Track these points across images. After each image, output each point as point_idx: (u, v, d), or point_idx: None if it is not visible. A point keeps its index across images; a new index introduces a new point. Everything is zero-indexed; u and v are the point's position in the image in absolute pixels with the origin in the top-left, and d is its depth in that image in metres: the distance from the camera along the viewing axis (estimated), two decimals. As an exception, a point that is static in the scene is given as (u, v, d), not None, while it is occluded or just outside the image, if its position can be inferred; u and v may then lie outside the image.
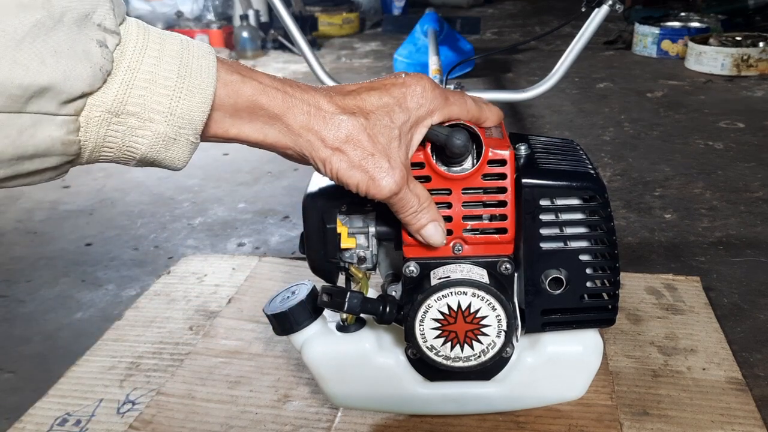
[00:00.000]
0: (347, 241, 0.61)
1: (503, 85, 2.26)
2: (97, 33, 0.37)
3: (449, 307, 0.57)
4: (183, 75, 0.41)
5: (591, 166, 0.61)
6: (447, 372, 0.60)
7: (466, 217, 0.58)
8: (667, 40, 2.49)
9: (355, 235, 0.62)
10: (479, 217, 0.58)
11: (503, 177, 0.57)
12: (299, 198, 0.61)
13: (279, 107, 0.47)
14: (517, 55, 2.63)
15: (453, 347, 0.59)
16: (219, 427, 0.70)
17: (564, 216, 0.59)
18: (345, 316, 0.66)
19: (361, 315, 0.65)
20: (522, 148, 0.60)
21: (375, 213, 0.61)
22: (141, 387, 0.76)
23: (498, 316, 0.58)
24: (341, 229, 0.60)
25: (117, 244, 1.22)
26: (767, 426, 0.67)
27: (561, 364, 0.66)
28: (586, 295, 0.61)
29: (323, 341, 0.65)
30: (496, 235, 0.58)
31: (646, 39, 2.54)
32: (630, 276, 0.95)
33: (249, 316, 0.89)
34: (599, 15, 1.30)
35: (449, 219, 0.58)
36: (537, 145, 0.63)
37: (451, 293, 0.57)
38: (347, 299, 0.58)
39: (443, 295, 0.57)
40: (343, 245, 0.61)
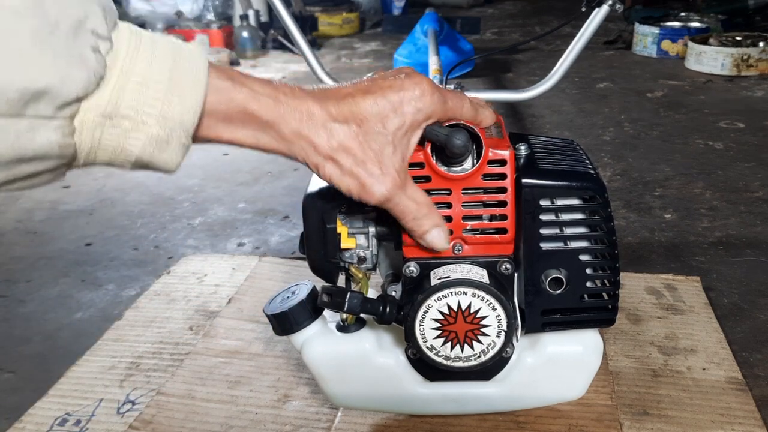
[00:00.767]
0: (347, 241, 0.61)
1: (503, 85, 2.26)
2: (91, 39, 0.38)
3: (449, 307, 0.57)
4: (174, 78, 0.42)
5: (591, 166, 0.61)
6: (447, 372, 0.60)
7: (466, 217, 0.58)
8: (667, 40, 2.49)
9: (355, 235, 0.62)
10: (479, 217, 0.58)
11: (503, 177, 0.57)
12: (299, 198, 0.61)
13: (270, 114, 0.47)
14: (517, 55, 2.63)
15: (453, 347, 0.59)
16: (219, 427, 0.70)
17: (564, 216, 0.59)
18: (345, 316, 0.66)
19: (361, 315, 0.65)
20: (522, 148, 0.60)
21: (375, 213, 0.61)
22: (141, 387, 0.76)
23: (498, 316, 0.58)
24: (341, 229, 0.60)
25: (117, 244, 1.22)
26: (767, 426, 0.67)
27: (561, 364, 0.66)
28: (586, 295, 0.61)
29: (323, 341, 0.65)
30: (496, 235, 0.58)
31: (646, 39, 2.54)
32: (630, 276, 0.95)
33: (249, 316, 0.89)
34: (599, 15, 1.30)
35: (449, 219, 0.58)
36: (537, 145, 0.63)
37: (451, 293, 0.57)
38: (347, 299, 0.58)
39: (443, 295, 0.57)
40: (343, 245, 0.61)
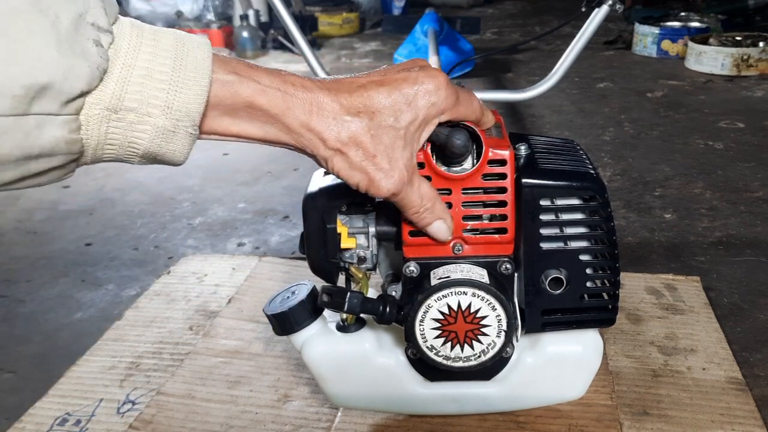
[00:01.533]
0: (347, 241, 0.61)
1: (503, 85, 2.26)
2: (92, 32, 0.38)
3: (449, 307, 0.57)
4: (178, 68, 0.41)
5: (591, 166, 0.61)
6: (447, 372, 0.60)
7: (466, 217, 0.58)
8: (667, 40, 2.49)
9: (355, 235, 0.62)
10: (479, 217, 0.58)
11: (503, 177, 0.57)
12: (299, 198, 0.61)
13: (279, 107, 0.46)
14: (517, 55, 2.63)
15: (453, 347, 0.59)
16: (219, 427, 0.70)
17: (564, 216, 0.59)
18: (345, 316, 0.66)
19: (361, 315, 0.65)
20: (522, 148, 0.60)
21: (375, 213, 0.61)
22: (141, 387, 0.76)
23: (498, 316, 0.58)
24: (341, 229, 0.60)
25: (117, 244, 1.22)
26: (767, 426, 0.67)
27: (561, 364, 0.66)
28: (586, 295, 0.61)
29: (323, 341, 0.65)
30: (496, 235, 0.58)
31: (646, 39, 2.54)
32: (630, 276, 0.95)
33: (249, 316, 0.89)
34: (599, 15, 1.31)
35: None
36: (537, 145, 0.63)
37: (451, 293, 0.57)
38: (347, 299, 0.58)
39: (443, 295, 0.57)
40: (343, 245, 0.61)
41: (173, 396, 0.75)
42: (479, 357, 0.59)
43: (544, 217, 0.59)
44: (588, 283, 0.60)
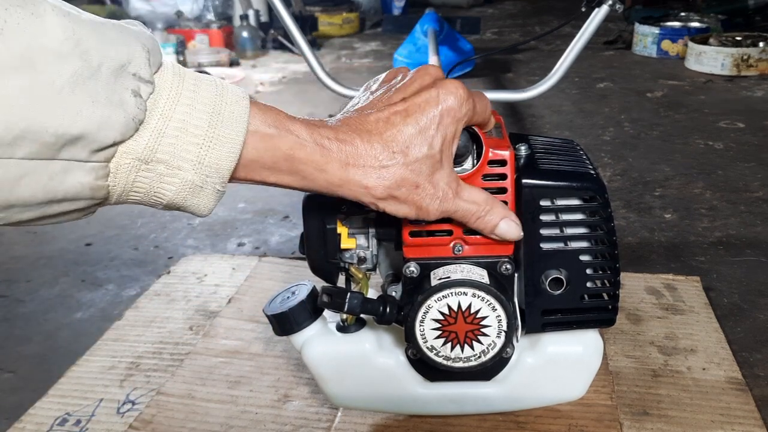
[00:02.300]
0: (347, 242, 0.61)
1: (503, 85, 2.26)
2: (132, 83, 0.37)
3: (449, 308, 0.57)
4: (214, 124, 0.41)
5: (591, 166, 0.61)
6: (447, 372, 0.60)
7: (466, 218, 0.58)
8: (667, 40, 2.49)
9: (356, 236, 0.62)
10: (479, 218, 0.58)
11: (503, 177, 0.57)
12: (299, 198, 0.61)
13: (317, 162, 0.46)
14: (517, 55, 2.63)
15: (453, 348, 0.59)
16: (219, 427, 0.70)
17: (564, 216, 0.59)
18: (345, 316, 0.66)
19: (361, 315, 0.65)
20: (522, 148, 0.60)
21: (375, 213, 0.61)
22: (141, 387, 0.76)
23: (498, 316, 0.58)
24: (341, 230, 0.60)
25: (117, 243, 1.22)
26: (767, 426, 0.67)
27: (561, 364, 0.66)
28: (586, 296, 0.61)
29: (323, 341, 0.65)
30: (496, 236, 0.58)
31: (646, 39, 2.54)
32: (630, 276, 0.95)
33: (249, 316, 0.89)
34: (599, 15, 1.31)
35: (449, 219, 0.58)
36: (537, 146, 0.63)
37: (452, 294, 0.57)
38: (347, 300, 0.58)
39: (443, 296, 0.57)
40: (344, 245, 0.61)
41: (173, 396, 0.75)
42: (479, 357, 0.59)
43: (544, 218, 0.59)
44: (588, 284, 0.60)
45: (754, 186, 1.35)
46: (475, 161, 0.56)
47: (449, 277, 0.57)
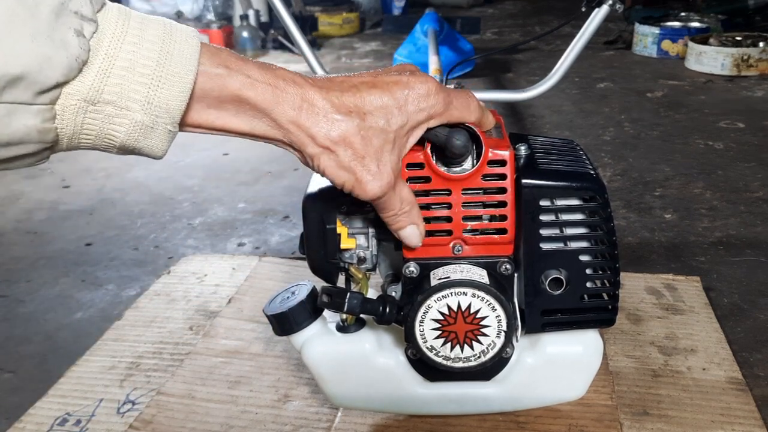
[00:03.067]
0: (347, 242, 0.61)
1: (503, 85, 2.26)
2: (75, 21, 0.37)
3: (449, 308, 0.57)
4: (162, 62, 0.40)
5: (591, 166, 0.61)
6: (447, 372, 0.60)
7: (466, 218, 0.58)
8: (668, 40, 2.49)
9: (355, 236, 0.62)
10: (479, 218, 0.58)
11: (503, 177, 0.57)
12: (299, 198, 0.61)
13: (268, 102, 0.45)
14: (517, 55, 2.63)
15: (453, 348, 0.59)
16: (219, 427, 0.70)
17: (564, 216, 0.59)
18: (345, 316, 0.66)
19: (361, 315, 0.65)
20: (522, 148, 0.60)
21: (375, 213, 0.61)
22: (141, 387, 0.76)
23: (498, 316, 0.58)
24: (341, 230, 0.60)
25: (117, 244, 1.22)
26: (767, 426, 0.67)
27: (561, 364, 0.66)
28: (586, 296, 0.61)
29: (323, 341, 0.65)
30: (496, 236, 0.58)
31: (646, 39, 2.54)
32: (630, 276, 0.95)
33: (249, 316, 0.89)
34: (599, 15, 1.30)
35: (449, 219, 0.58)
36: (537, 146, 0.63)
37: (451, 294, 0.57)
38: (347, 300, 0.58)
39: (443, 296, 0.57)
40: (343, 246, 0.61)
41: (173, 396, 0.75)
42: (479, 357, 0.59)
43: (544, 218, 0.58)
44: (588, 284, 0.60)
45: (754, 186, 1.35)
46: (475, 161, 0.56)
47: (449, 277, 0.57)
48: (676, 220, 1.21)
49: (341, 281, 0.64)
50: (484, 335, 0.58)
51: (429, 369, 0.63)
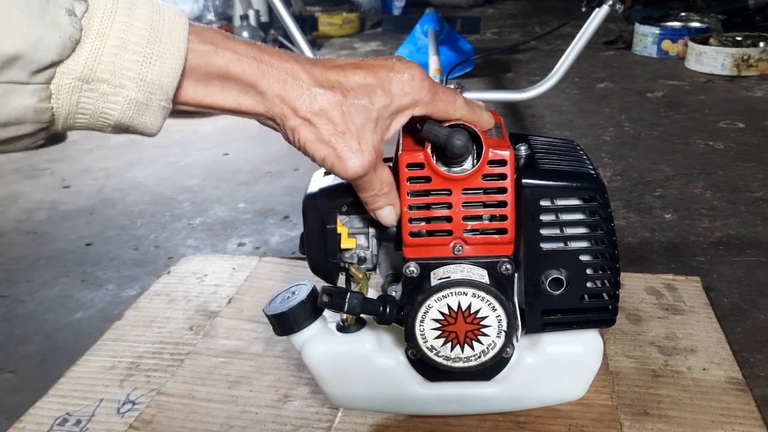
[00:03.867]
0: (347, 242, 0.61)
1: (503, 85, 2.26)
2: (65, 1, 0.37)
3: (449, 308, 0.57)
4: (153, 40, 0.41)
5: (591, 166, 0.61)
6: (447, 372, 0.60)
7: (466, 218, 0.58)
8: (668, 40, 2.49)
9: (356, 236, 0.62)
10: (479, 218, 0.58)
11: (503, 177, 0.57)
12: (299, 198, 0.61)
13: (253, 76, 0.46)
14: (517, 55, 2.63)
15: (453, 347, 0.59)
16: (219, 427, 0.70)
17: (564, 216, 0.59)
18: (345, 316, 0.66)
19: (362, 315, 0.65)
20: (522, 148, 0.60)
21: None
22: (141, 387, 0.76)
23: (498, 316, 0.58)
24: (341, 230, 0.60)
25: (117, 244, 1.22)
26: (767, 426, 0.67)
27: (561, 364, 0.66)
28: (586, 296, 0.61)
29: (323, 341, 0.65)
30: (496, 236, 0.58)
31: (646, 39, 2.54)
32: (630, 276, 0.95)
33: (249, 316, 0.89)
34: (599, 15, 1.31)
35: (449, 219, 0.58)
36: (537, 146, 0.63)
37: (452, 293, 0.57)
38: (347, 300, 0.58)
39: (443, 296, 0.57)
40: (344, 245, 0.61)
41: (173, 396, 0.75)
42: (479, 357, 0.59)
43: (544, 218, 0.58)
44: (588, 284, 0.60)
45: (754, 186, 1.35)
46: (475, 161, 0.56)
47: (449, 277, 0.57)
48: (676, 220, 1.21)
49: (341, 281, 0.64)
50: (484, 335, 0.58)
51: (429, 369, 0.63)
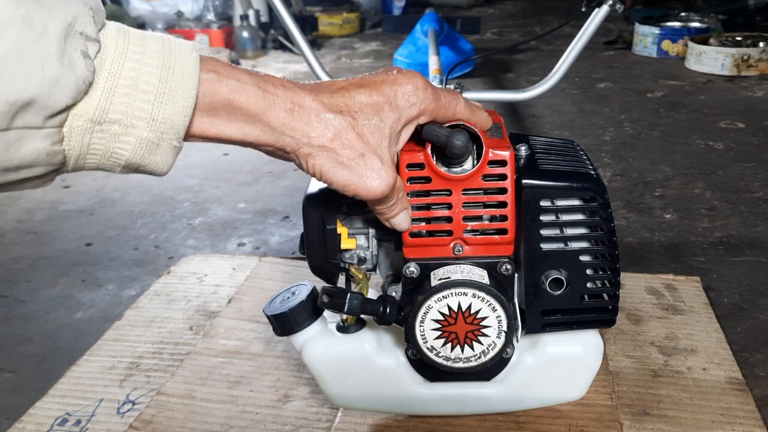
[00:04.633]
0: (347, 242, 0.61)
1: (503, 85, 2.26)
2: (81, 42, 0.37)
3: (449, 308, 0.57)
4: (165, 78, 0.40)
5: (591, 166, 0.61)
6: (447, 373, 0.60)
7: (466, 218, 0.58)
8: (668, 40, 2.49)
9: (356, 236, 0.62)
10: (479, 218, 0.58)
11: (503, 178, 0.57)
12: (299, 198, 0.61)
13: (258, 106, 0.45)
14: (517, 55, 2.63)
15: (453, 348, 0.59)
16: (219, 427, 0.70)
17: (564, 217, 0.59)
18: (345, 316, 0.66)
19: (362, 316, 0.65)
20: (522, 148, 0.60)
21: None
22: (141, 387, 0.76)
23: (498, 316, 0.58)
24: (341, 230, 0.60)
25: (117, 244, 1.22)
26: (767, 426, 0.67)
27: (561, 364, 0.66)
28: (586, 296, 0.61)
29: (323, 342, 0.65)
30: (496, 236, 0.58)
31: (646, 39, 2.54)
32: (630, 276, 0.95)
33: (249, 316, 0.89)
34: (599, 15, 1.30)
35: (449, 220, 0.58)
36: (537, 146, 0.63)
37: (452, 294, 0.57)
38: (347, 300, 0.58)
39: (443, 296, 0.57)
40: (344, 246, 0.61)
41: (173, 396, 0.75)
42: (479, 358, 0.59)
43: (544, 218, 0.58)
44: (588, 284, 0.60)
45: (754, 186, 1.35)
46: (476, 161, 0.56)
47: (449, 278, 0.57)
48: (676, 220, 1.21)
49: (341, 281, 0.64)
50: (484, 335, 0.58)
51: (429, 369, 0.63)
